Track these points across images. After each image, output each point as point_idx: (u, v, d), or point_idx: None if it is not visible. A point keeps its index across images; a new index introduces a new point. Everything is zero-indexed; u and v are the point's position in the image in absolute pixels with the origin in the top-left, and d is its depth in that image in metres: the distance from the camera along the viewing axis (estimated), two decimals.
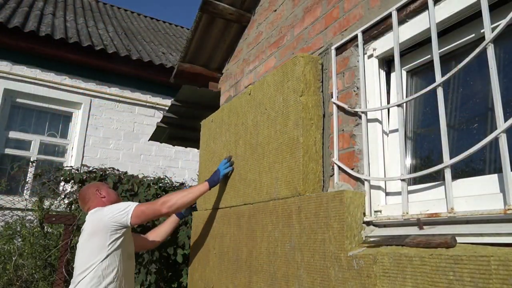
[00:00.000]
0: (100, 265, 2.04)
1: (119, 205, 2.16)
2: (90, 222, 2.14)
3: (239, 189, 2.21)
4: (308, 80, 1.83)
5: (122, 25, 8.52)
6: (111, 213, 2.09)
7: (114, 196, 2.37)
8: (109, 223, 2.07)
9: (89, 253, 2.06)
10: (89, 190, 2.34)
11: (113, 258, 2.08)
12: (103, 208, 2.17)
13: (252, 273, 1.95)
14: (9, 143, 5.96)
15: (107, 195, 2.33)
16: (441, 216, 1.24)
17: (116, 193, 2.45)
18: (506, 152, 1.10)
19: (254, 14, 2.78)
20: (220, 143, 2.54)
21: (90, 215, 2.19)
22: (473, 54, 1.22)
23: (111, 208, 2.13)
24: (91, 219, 2.16)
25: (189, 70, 3.20)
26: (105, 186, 2.41)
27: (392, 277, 1.22)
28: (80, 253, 2.12)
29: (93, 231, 2.08)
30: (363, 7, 1.72)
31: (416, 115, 1.63)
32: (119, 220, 2.08)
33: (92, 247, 2.06)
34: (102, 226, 2.07)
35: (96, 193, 2.32)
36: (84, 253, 2.09)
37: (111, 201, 2.31)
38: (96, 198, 2.30)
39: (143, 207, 2.13)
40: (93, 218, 2.15)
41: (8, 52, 5.91)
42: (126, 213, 2.09)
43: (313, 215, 1.58)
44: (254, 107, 2.16)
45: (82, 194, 2.36)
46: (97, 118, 6.48)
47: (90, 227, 2.11)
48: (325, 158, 1.80)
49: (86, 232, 2.13)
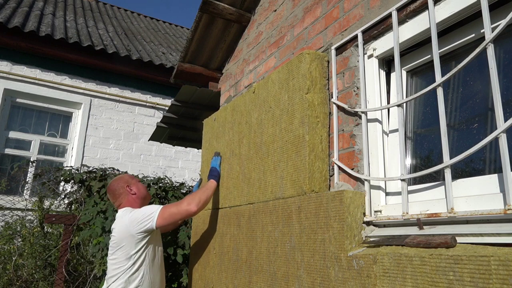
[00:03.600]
0: (128, 271, 2.13)
1: (145, 212, 2.18)
2: (119, 228, 2.19)
3: (242, 189, 2.21)
4: (314, 77, 1.81)
5: (122, 25, 8.52)
6: (137, 224, 2.14)
7: (143, 191, 2.41)
8: (135, 234, 2.13)
9: (117, 260, 2.15)
10: (119, 185, 2.36)
11: (139, 263, 2.16)
12: (130, 213, 2.20)
13: (252, 273, 1.95)
14: (9, 143, 5.96)
15: (137, 190, 2.37)
16: (441, 216, 1.24)
17: (145, 186, 2.48)
18: (506, 152, 1.10)
19: (254, 14, 2.78)
20: (223, 142, 2.54)
21: (119, 218, 2.23)
22: (473, 54, 1.22)
23: (137, 218, 2.15)
24: (120, 225, 2.19)
25: (189, 70, 3.20)
26: (135, 180, 2.43)
27: (392, 277, 1.22)
28: (110, 257, 2.21)
29: (121, 239, 2.15)
30: (363, 7, 1.72)
31: (416, 115, 1.63)
32: (144, 229, 2.14)
33: (119, 255, 2.15)
34: (129, 236, 2.13)
35: (127, 188, 2.34)
36: (113, 260, 2.18)
37: (141, 196, 2.37)
38: (127, 194, 2.34)
39: (172, 209, 2.17)
40: (121, 224, 2.18)
41: (8, 52, 5.91)
42: (151, 219, 2.13)
43: (313, 215, 1.58)
44: (259, 105, 2.16)
45: (112, 188, 2.38)
46: (97, 118, 6.48)
47: (118, 234, 2.17)
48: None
49: (116, 238, 2.18)
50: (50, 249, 3.90)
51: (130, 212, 2.21)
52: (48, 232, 4.16)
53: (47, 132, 6.33)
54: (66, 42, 6.04)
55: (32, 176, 4.70)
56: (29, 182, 5.27)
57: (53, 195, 4.31)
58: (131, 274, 2.14)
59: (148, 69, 6.74)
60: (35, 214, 4.32)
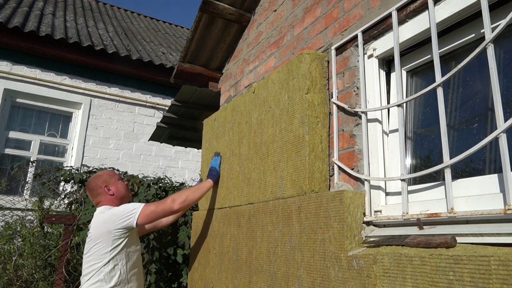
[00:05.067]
0: (102, 269, 2.04)
1: (125, 208, 2.11)
2: (96, 224, 2.12)
3: (242, 189, 2.21)
4: (314, 78, 1.82)
5: (122, 25, 8.52)
6: (117, 219, 2.06)
7: (122, 191, 2.30)
8: (113, 230, 2.05)
9: (92, 257, 2.07)
10: (97, 184, 2.26)
11: (115, 261, 2.07)
12: (110, 209, 2.13)
13: (252, 273, 1.95)
14: (9, 143, 5.96)
15: (115, 191, 2.27)
16: (441, 216, 1.24)
17: (126, 186, 2.37)
18: (506, 152, 1.10)
19: (254, 14, 2.78)
20: (223, 142, 2.54)
21: (98, 214, 2.16)
22: (473, 54, 1.22)
23: (117, 214, 2.08)
24: (97, 221, 2.12)
25: (189, 70, 3.20)
26: (114, 179, 2.31)
27: (392, 277, 1.22)
28: (85, 255, 2.12)
29: (97, 236, 2.07)
30: (363, 7, 1.72)
31: (416, 115, 1.63)
32: (123, 225, 2.06)
33: (94, 252, 2.06)
34: (106, 232, 2.05)
35: (104, 189, 2.25)
36: (88, 257, 2.09)
37: (120, 197, 2.27)
38: (105, 194, 2.25)
39: (153, 206, 2.10)
40: (99, 220, 2.11)
41: (8, 52, 5.91)
42: (131, 215, 2.06)
43: (313, 215, 1.58)
44: (259, 105, 2.16)
45: (90, 187, 2.28)
46: (97, 118, 6.48)
47: (94, 230, 2.10)
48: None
49: (92, 234, 2.11)
50: (50, 249, 3.90)
51: (109, 209, 2.14)
52: (48, 232, 4.16)
53: (47, 132, 6.33)
54: (66, 42, 6.04)
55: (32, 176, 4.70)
56: (29, 182, 5.27)
57: (53, 195, 4.31)
58: (107, 273, 2.03)
59: (148, 69, 6.74)
60: (35, 214, 4.32)
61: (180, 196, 2.14)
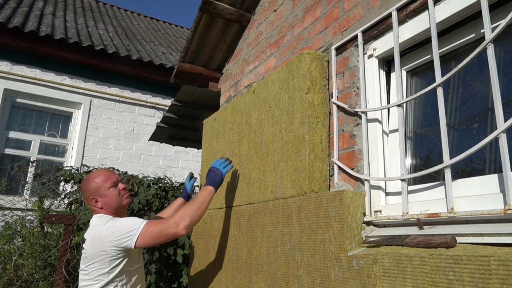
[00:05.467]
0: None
1: (123, 227, 1.85)
2: (92, 239, 1.89)
3: (242, 189, 2.21)
4: (314, 78, 1.82)
5: (122, 25, 8.52)
6: (113, 238, 1.82)
7: (114, 203, 2.01)
8: (108, 249, 1.82)
9: (88, 277, 1.87)
10: (85, 195, 2.03)
11: (114, 283, 1.86)
12: (107, 223, 1.88)
13: (252, 273, 1.95)
14: (9, 143, 5.96)
15: (104, 204, 1.99)
16: (441, 216, 1.24)
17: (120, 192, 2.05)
18: (506, 152, 1.10)
19: (254, 14, 2.78)
20: (223, 142, 2.54)
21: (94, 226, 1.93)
22: (473, 54, 1.22)
23: (113, 232, 1.84)
24: (93, 235, 1.90)
25: (189, 70, 3.20)
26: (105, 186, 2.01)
27: (392, 277, 1.22)
28: (81, 272, 1.92)
29: (93, 255, 1.85)
30: (363, 7, 1.72)
31: (416, 115, 1.63)
32: (120, 245, 1.82)
33: (91, 271, 1.86)
34: (101, 251, 1.83)
35: (91, 202, 2.00)
36: (84, 275, 1.89)
37: (112, 208, 2.01)
38: (94, 206, 2.01)
39: (155, 230, 1.84)
40: (95, 235, 1.88)
41: (8, 52, 5.91)
42: (129, 237, 1.82)
43: (313, 215, 1.58)
44: (259, 105, 2.16)
45: (82, 191, 2.07)
46: (97, 118, 6.48)
47: (90, 248, 1.88)
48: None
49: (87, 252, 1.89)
50: (50, 249, 3.90)
51: (106, 222, 1.89)
52: (48, 232, 4.16)
53: (47, 132, 6.33)
54: (66, 42, 6.04)
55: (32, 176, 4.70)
56: (29, 182, 5.27)
57: (53, 195, 4.31)
58: None
59: (148, 69, 6.74)
60: (35, 214, 4.32)
61: (183, 219, 1.87)
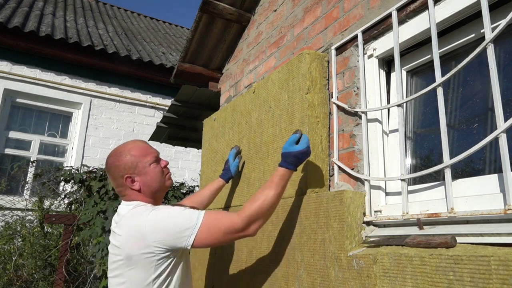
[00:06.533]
0: None
1: (176, 221, 1.41)
2: (130, 235, 1.43)
3: (242, 189, 2.21)
4: (314, 78, 1.81)
5: (122, 25, 8.53)
6: (162, 233, 1.39)
7: (155, 184, 1.55)
8: (157, 251, 1.39)
9: (124, 286, 1.43)
10: (116, 173, 1.52)
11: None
12: (151, 214, 1.42)
13: (252, 273, 1.95)
14: (9, 143, 5.96)
15: (143, 184, 1.52)
16: (441, 216, 1.24)
17: (161, 176, 1.58)
18: (506, 152, 1.10)
19: (254, 14, 2.78)
20: (223, 142, 2.54)
21: (131, 217, 1.46)
22: (473, 54, 1.22)
23: (163, 229, 1.39)
24: (132, 230, 1.43)
25: (189, 70, 3.20)
26: (145, 161, 1.53)
27: (392, 277, 1.22)
28: (112, 278, 1.47)
29: (133, 258, 1.40)
30: (363, 7, 1.72)
31: (416, 115, 1.63)
32: (173, 244, 1.40)
33: (129, 279, 1.42)
34: (146, 253, 1.39)
35: (127, 181, 1.51)
36: (118, 285, 1.45)
37: (152, 192, 1.55)
38: (128, 189, 1.53)
39: (220, 229, 1.42)
40: (135, 229, 1.42)
41: (8, 52, 5.91)
42: (185, 236, 1.39)
43: (313, 215, 1.58)
44: (259, 105, 2.16)
45: (108, 168, 1.56)
46: (97, 118, 6.48)
47: (128, 248, 1.41)
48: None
49: (124, 252, 1.42)
50: (50, 249, 3.90)
51: (148, 212, 1.43)
52: (48, 232, 4.17)
53: (47, 132, 6.33)
54: (66, 42, 6.04)
55: (32, 176, 4.71)
56: (29, 182, 5.27)
57: (53, 195, 4.32)
58: None
59: (148, 69, 6.74)
60: (35, 214, 4.33)
61: (257, 220, 1.46)
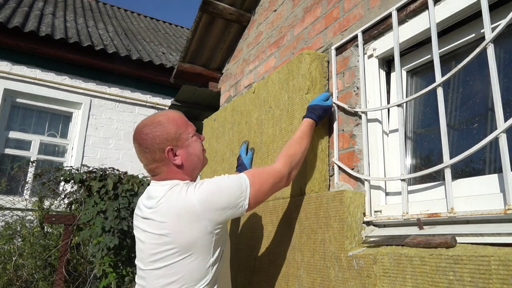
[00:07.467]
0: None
1: (227, 182, 1.28)
2: (174, 216, 1.23)
3: None
4: (314, 78, 1.81)
5: (122, 25, 8.53)
6: (216, 209, 1.23)
7: (197, 161, 1.42)
8: (216, 225, 1.25)
9: (178, 278, 1.23)
10: (156, 144, 1.32)
11: (216, 278, 1.32)
12: (197, 188, 1.25)
13: (252, 273, 1.95)
14: (9, 143, 5.96)
15: (185, 159, 1.35)
16: (441, 216, 1.24)
17: (201, 152, 1.46)
18: (506, 152, 1.10)
19: (254, 14, 2.78)
20: (223, 142, 2.54)
21: (169, 200, 1.26)
22: (473, 54, 1.22)
23: (213, 196, 1.24)
24: (178, 211, 1.23)
25: (189, 70, 3.20)
26: (187, 132, 1.39)
27: (392, 277, 1.22)
28: (153, 271, 1.26)
29: (187, 243, 1.22)
30: (363, 7, 1.72)
31: (416, 115, 1.63)
32: (231, 215, 1.27)
33: (182, 268, 1.23)
34: (204, 234, 1.23)
35: (168, 155, 1.32)
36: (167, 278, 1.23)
37: (189, 174, 1.38)
38: (167, 164, 1.34)
39: (267, 183, 1.32)
40: (179, 207, 1.23)
41: (8, 52, 5.91)
42: (242, 200, 1.27)
43: (313, 215, 1.58)
44: (259, 105, 2.16)
45: (141, 140, 1.35)
46: (97, 118, 6.48)
47: (177, 233, 1.23)
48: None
49: (171, 239, 1.23)
50: (50, 249, 3.90)
51: (191, 189, 1.26)
52: (48, 232, 4.17)
53: (47, 132, 6.33)
54: (66, 42, 6.04)
55: (32, 176, 4.70)
56: (29, 182, 5.27)
57: (53, 195, 4.32)
58: None
59: (148, 69, 6.74)
60: (35, 214, 4.33)
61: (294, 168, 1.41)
